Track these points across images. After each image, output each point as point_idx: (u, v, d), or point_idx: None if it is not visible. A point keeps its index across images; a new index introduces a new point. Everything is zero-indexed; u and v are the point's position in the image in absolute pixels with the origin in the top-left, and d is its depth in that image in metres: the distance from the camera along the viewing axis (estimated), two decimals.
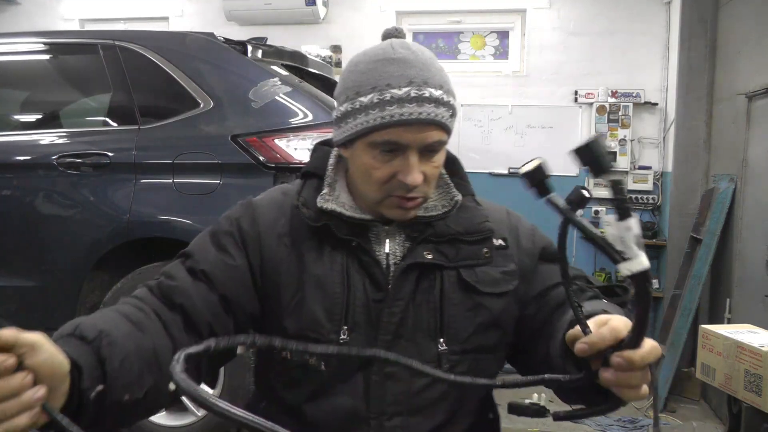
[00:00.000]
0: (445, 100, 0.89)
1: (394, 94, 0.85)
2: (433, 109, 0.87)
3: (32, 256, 2.52)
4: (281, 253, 0.95)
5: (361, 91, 0.88)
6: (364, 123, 0.87)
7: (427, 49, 0.93)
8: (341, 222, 0.95)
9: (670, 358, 3.32)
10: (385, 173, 0.89)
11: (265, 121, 2.29)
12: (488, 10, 4.49)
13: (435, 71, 0.89)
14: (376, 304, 0.93)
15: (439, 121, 0.88)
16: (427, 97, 0.86)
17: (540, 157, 0.81)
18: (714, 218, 3.27)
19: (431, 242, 0.96)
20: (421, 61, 0.89)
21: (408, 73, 0.87)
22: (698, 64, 3.62)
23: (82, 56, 2.68)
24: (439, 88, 0.88)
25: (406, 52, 0.89)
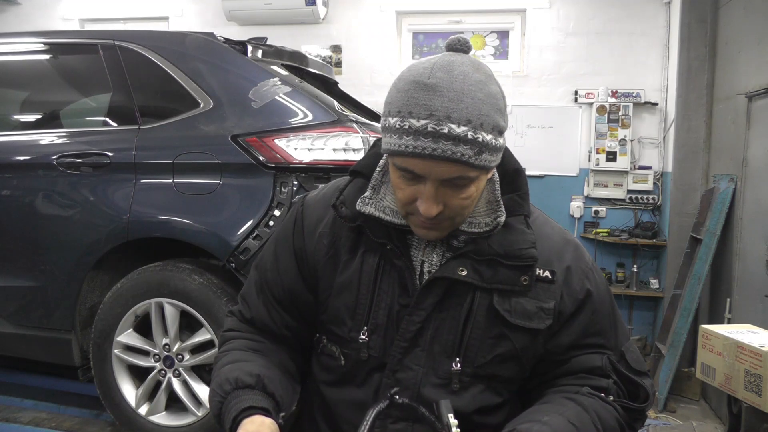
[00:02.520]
0: (469, 137, 0.82)
1: (412, 125, 0.82)
2: (450, 146, 0.81)
3: (32, 256, 2.52)
4: (320, 252, 1.01)
5: (391, 111, 0.86)
6: (387, 144, 0.87)
7: (476, 73, 0.85)
8: (379, 225, 0.95)
9: (670, 358, 3.32)
10: (407, 195, 0.89)
11: (265, 121, 2.29)
12: (488, 10, 4.48)
13: (468, 103, 0.82)
14: (401, 309, 0.95)
15: (457, 158, 0.82)
16: (444, 134, 0.81)
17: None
18: (714, 218, 3.27)
19: (470, 258, 0.93)
20: (454, 90, 0.82)
21: (432, 104, 0.82)
22: (698, 64, 3.62)
23: (82, 56, 2.68)
24: (466, 123, 0.82)
25: (443, 77, 0.83)
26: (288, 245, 1.05)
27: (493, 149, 0.85)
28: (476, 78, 0.84)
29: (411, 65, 0.89)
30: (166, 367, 2.37)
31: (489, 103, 0.84)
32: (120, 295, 2.38)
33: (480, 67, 0.87)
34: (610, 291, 1.03)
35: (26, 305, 2.56)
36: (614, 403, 0.94)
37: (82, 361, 2.57)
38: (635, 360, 1.00)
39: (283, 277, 1.05)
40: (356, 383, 0.99)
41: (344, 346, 0.99)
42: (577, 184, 4.33)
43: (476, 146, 0.82)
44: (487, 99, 0.84)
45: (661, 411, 3.26)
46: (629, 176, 4.23)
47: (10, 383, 3.09)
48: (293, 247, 1.04)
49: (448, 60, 0.85)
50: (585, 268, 0.99)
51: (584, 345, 0.97)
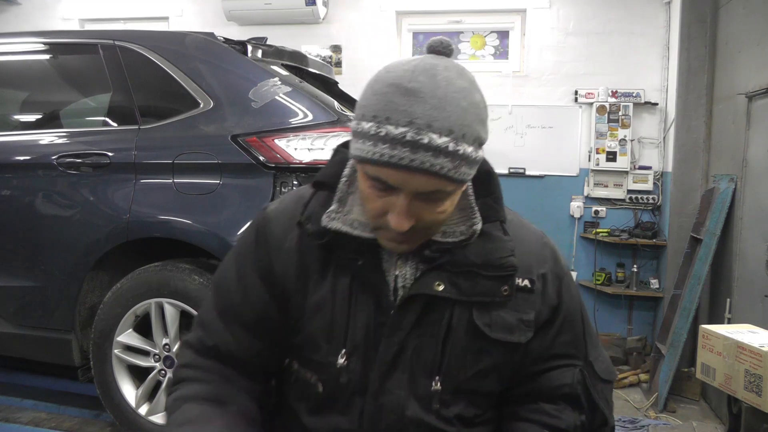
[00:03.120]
0: (450, 149, 0.75)
1: (389, 132, 0.75)
2: (429, 158, 0.74)
3: (32, 256, 2.52)
4: (289, 270, 0.92)
5: (365, 114, 0.78)
6: (359, 150, 0.79)
7: (460, 79, 0.79)
8: (348, 240, 0.88)
9: (670, 358, 3.32)
10: (378, 207, 0.81)
11: (265, 121, 2.29)
12: (488, 10, 4.48)
13: (451, 112, 0.75)
14: (379, 328, 0.89)
15: (435, 171, 0.75)
16: (424, 144, 0.74)
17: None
18: (714, 218, 3.27)
19: (446, 271, 0.87)
20: (437, 97, 0.75)
21: (413, 110, 0.75)
22: (698, 64, 3.62)
23: (82, 56, 2.68)
24: (448, 133, 0.75)
25: (426, 82, 0.76)
26: (253, 264, 0.95)
27: (473, 162, 0.80)
28: (460, 85, 0.78)
29: (389, 65, 0.81)
30: (166, 367, 2.37)
31: (472, 113, 0.77)
32: (120, 295, 2.38)
33: (463, 72, 0.80)
34: (581, 297, 1.01)
35: (26, 305, 2.56)
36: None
37: (82, 361, 2.57)
38: (604, 370, 0.98)
39: (251, 299, 0.94)
40: (338, 409, 0.91)
41: (321, 371, 0.91)
42: (577, 184, 4.33)
43: (456, 159, 0.76)
44: (471, 108, 0.77)
45: (661, 411, 3.26)
46: (629, 176, 4.23)
47: (10, 383, 3.09)
48: (259, 265, 0.94)
49: (430, 63, 0.79)
50: (560, 274, 0.96)
51: (554, 355, 0.95)
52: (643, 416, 3.24)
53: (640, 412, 3.29)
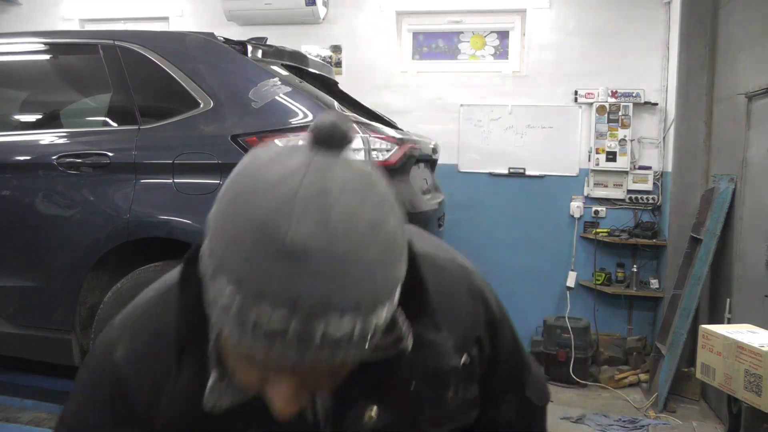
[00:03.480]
0: (356, 334, 0.51)
1: (261, 323, 0.49)
2: (325, 354, 0.51)
3: (32, 256, 2.52)
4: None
5: (223, 267, 0.51)
6: (219, 321, 0.53)
7: (365, 204, 0.53)
8: (251, 407, 0.63)
9: (670, 358, 3.32)
10: (253, 382, 0.57)
11: (265, 121, 2.29)
12: (488, 10, 4.48)
13: (356, 276, 0.50)
14: None
15: (333, 363, 0.52)
16: (317, 339, 0.49)
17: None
18: (714, 218, 3.27)
19: (374, 396, 0.67)
20: (333, 257, 0.49)
21: (299, 285, 0.49)
22: (698, 64, 3.62)
23: (82, 56, 2.68)
24: (353, 310, 0.50)
25: (315, 234, 0.49)
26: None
27: (389, 322, 0.57)
28: (367, 218, 0.52)
29: (255, 172, 0.56)
30: None
31: (386, 262, 0.53)
32: (120, 295, 2.37)
33: (367, 183, 0.54)
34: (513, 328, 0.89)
35: (26, 305, 2.56)
36: None
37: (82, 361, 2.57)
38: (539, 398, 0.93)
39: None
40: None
41: None
42: (577, 184, 4.33)
43: (365, 341, 0.52)
44: (384, 254, 0.53)
45: (661, 411, 3.26)
46: (629, 176, 4.23)
47: (10, 383, 3.09)
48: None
49: (319, 186, 0.51)
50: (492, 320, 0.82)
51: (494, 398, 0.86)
52: (643, 416, 3.24)
53: (640, 412, 3.30)
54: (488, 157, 4.38)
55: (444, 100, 4.43)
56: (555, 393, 3.57)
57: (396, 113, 3.80)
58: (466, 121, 4.43)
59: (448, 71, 4.53)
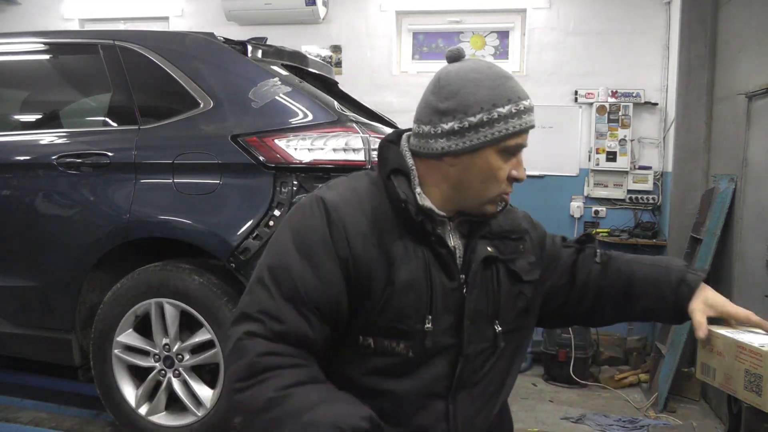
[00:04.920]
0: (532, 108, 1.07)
1: (524, 105, 1.02)
2: (534, 117, 1.05)
3: (32, 256, 2.52)
4: (370, 253, 1.00)
5: (498, 102, 1.00)
6: (504, 130, 1.00)
7: None
8: (430, 218, 1.04)
9: (670, 358, 3.32)
10: (506, 171, 1.04)
11: (265, 121, 2.29)
12: (488, 10, 4.48)
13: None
14: (451, 293, 1.04)
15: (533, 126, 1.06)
16: (531, 108, 1.05)
17: None
18: (714, 218, 3.27)
19: (488, 238, 1.10)
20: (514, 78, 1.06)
21: (520, 88, 1.04)
22: (698, 64, 3.62)
23: (82, 56, 2.68)
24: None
25: (505, 71, 1.06)
26: (328, 253, 0.98)
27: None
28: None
29: (471, 71, 1.03)
30: (166, 367, 2.37)
31: None
32: (120, 295, 2.38)
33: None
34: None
35: (26, 305, 2.56)
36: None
37: (82, 361, 2.57)
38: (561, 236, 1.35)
39: (329, 286, 0.98)
40: (423, 370, 1.04)
41: (410, 338, 1.02)
42: (577, 184, 4.33)
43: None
44: None
45: (661, 411, 3.26)
46: (629, 176, 4.23)
47: (10, 383, 3.09)
48: (339, 254, 0.98)
49: (483, 61, 1.08)
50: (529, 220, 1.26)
51: (566, 258, 1.27)
52: (643, 416, 3.24)
53: (640, 412, 3.30)
54: None
55: None
56: (555, 393, 3.57)
57: (396, 113, 3.79)
58: None
59: None
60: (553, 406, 3.36)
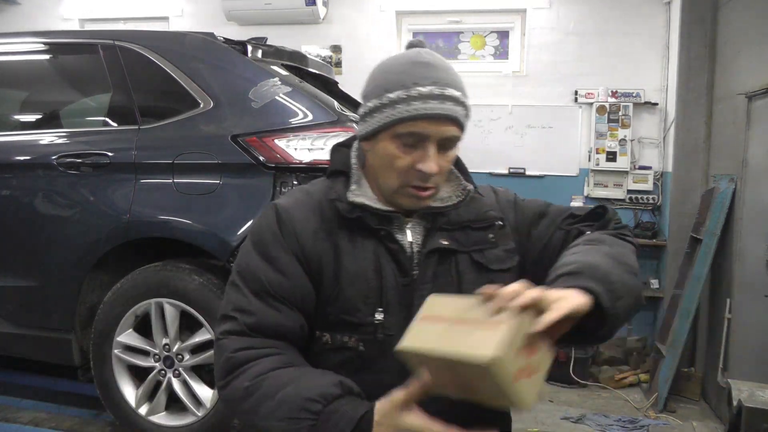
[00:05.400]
0: (462, 100, 1.00)
1: (420, 91, 0.96)
2: (452, 106, 0.97)
3: (32, 256, 2.52)
4: (319, 247, 1.04)
5: (390, 88, 0.98)
6: (390, 116, 0.98)
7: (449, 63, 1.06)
8: (370, 214, 1.04)
9: (670, 358, 3.32)
10: (406, 163, 0.99)
11: (265, 121, 2.29)
12: (488, 10, 4.48)
13: (455, 76, 1.01)
14: (404, 288, 1.03)
15: (457, 117, 0.99)
16: (448, 96, 0.97)
17: None
18: (714, 218, 3.27)
19: (446, 230, 1.07)
20: (443, 67, 1.01)
21: (433, 75, 0.98)
22: (698, 64, 3.62)
23: (82, 56, 2.68)
24: (459, 90, 0.99)
25: (432, 59, 1.01)
26: (282, 247, 1.04)
27: (469, 118, 1.04)
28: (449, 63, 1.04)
29: (389, 58, 1.04)
30: (166, 367, 2.37)
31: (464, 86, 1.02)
32: (120, 295, 2.38)
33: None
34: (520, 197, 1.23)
35: (26, 305, 2.56)
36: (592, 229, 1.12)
37: (82, 361, 2.57)
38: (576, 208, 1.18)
39: (288, 275, 1.03)
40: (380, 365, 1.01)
41: (361, 331, 1.02)
42: (577, 184, 4.33)
43: (465, 109, 1.01)
44: (461, 78, 1.02)
45: (661, 411, 3.26)
46: (629, 176, 4.23)
47: (10, 383, 3.09)
48: (290, 248, 1.04)
49: (425, 50, 1.03)
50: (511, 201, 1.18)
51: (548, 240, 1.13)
52: (643, 416, 3.24)
53: (640, 412, 3.30)
54: (488, 157, 4.38)
55: None
56: (555, 393, 3.57)
57: None
58: None
59: None
60: (553, 406, 3.36)
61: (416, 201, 1.04)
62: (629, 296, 0.95)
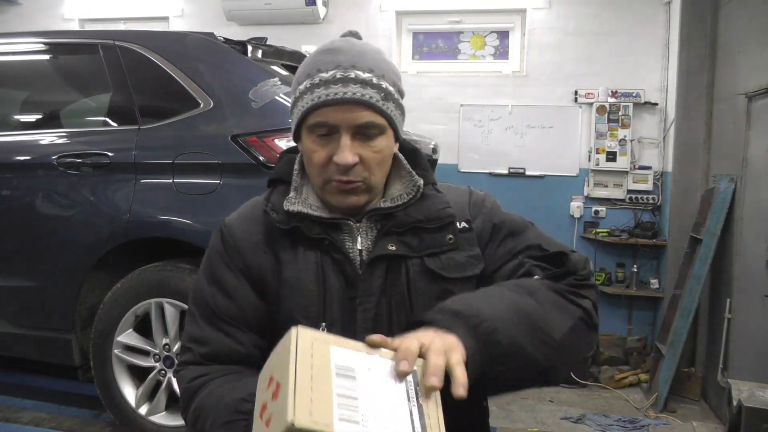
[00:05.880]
0: (374, 82, 0.91)
1: (322, 77, 0.90)
2: (358, 89, 0.89)
3: (32, 256, 2.52)
4: (261, 259, 0.98)
5: (300, 80, 0.94)
6: (301, 108, 0.93)
7: (375, 46, 0.97)
8: (312, 223, 0.96)
9: (670, 358, 3.32)
10: (323, 156, 0.92)
11: (265, 121, 2.29)
12: (488, 10, 4.48)
13: (369, 58, 0.92)
14: (351, 301, 0.95)
15: (366, 101, 0.90)
16: (352, 78, 0.89)
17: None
18: (714, 218, 3.27)
19: (394, 233, 0.97)
20: (356, 50, 0.93)
21: (337, 59, 0.91)
22: (698, 64, 3.62)
23: (82, 56, 2.68)
24: (369, 71, 0.91)
25: (343, 44, 0.94)
26: (226, 267, 1.00)
27: (397, 103, 0.95)
28: (374, 47, 0.97)
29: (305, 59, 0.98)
30: (166, 367, 2.37)
31: (387, 63, 0.95)
32: (120, 295, 2.38)
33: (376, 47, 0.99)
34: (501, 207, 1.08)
35: (26, 305, 2.56)
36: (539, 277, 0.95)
37: (82, 361, 2.57)
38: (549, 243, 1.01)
39: (234, 295, 0.98)
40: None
41: None
42: (577, 184, 4.33)
43: (381, 91, 0.91)
44: (386, 61, 0.95)
45: (661, 411, 3.26)
46: (629, 176, 4.23)
47: (10, 383, 3.09)
48: (233, 266, 0.99)
49: (347, 38, 0.97)
50: (488, 208, 1.05)
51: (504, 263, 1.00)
52: (643, 416, 3.24)
53: (640, 412, 3.30)
54: (488, 157, 4.38)
55: (444, 100, 4.43)
56: (555, 393, 3.57)
57: None
58: (466, 121, 4.43)
59: (448, 71, 4.53)
60: (553, 406, 3.36)
61: (344, 197, 0.95)
62: (520, 367, 0.81)
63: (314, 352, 0.64)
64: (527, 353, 0.81)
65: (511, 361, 0.79)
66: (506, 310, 0.82)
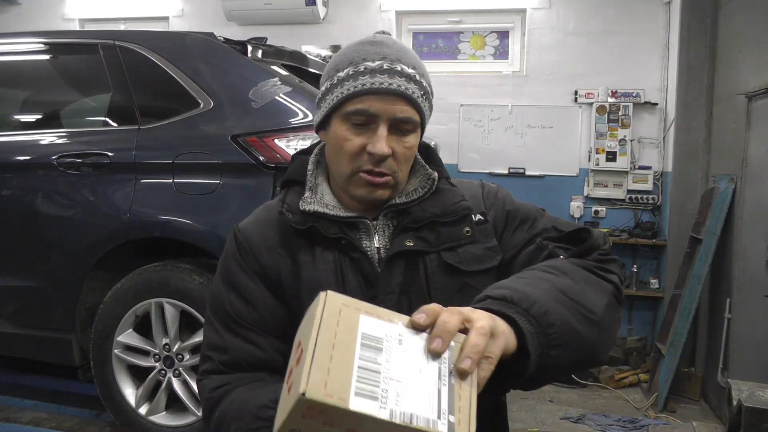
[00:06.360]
0: (417, 78, 0.92)
1: (368, 66, 0.90)
2: (403, 82, 0.90)
3: (32, 256, 2.52)
4: (278, 263, 0.97)
5: (340, 67, 0.93)
6: (339, 95, 0.92)
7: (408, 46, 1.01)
8: (328, 222, 0.96)
9: (670, 358, 3.32)
10: (356, 145, 0.92)
11: (265, 121, 2.29)
12: (488, 10, 4.48)
13: (411, 55, 0.94)
14: (371, 300, 0.90)
15: (409, 95, 0.91)
16: (398, 71, 0.91)
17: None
18: (714, 218, 3.27)
19: (411, 229, 0.97)
20: (398, 46, 0.95)
21: (383, 51, 0.92)
22: (698, 64, 3.62)
23: (82, 56, 2.68)
24: (413, 67, 0.92)
25: (386, 39, 0.95)
26: (243, 271, 0.99)
27: (431, 103, 0.97)
28: (409, 47, 0.99)
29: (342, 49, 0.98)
30: (166, 367, 2.37)
31: (424, 65, 0.96)
32: (120, 295, 2.38)
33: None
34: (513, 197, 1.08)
35: (26, 305, 2.56)
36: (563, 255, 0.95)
37: (82, 361, 2.57)
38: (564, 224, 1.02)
39: (253, 300, 0.97)
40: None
41: None
42: (577, 184, 4.33)
43: (422, 89, 0.93)
44: (421, 61, 0.96)
45: (661, 411, 3.26)
46: (629, 176, 4.23)
47: (10, 383, 3.09)
48: (250, 269, 0.98)
49: (382, 35, 0.98)
50: (501, 198, 1.05)
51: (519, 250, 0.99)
52: (643, 416, 3.24)
53: (640, 412, 3.30)
54: (488, 157, 4.38)
55: (444, 100, 4.43)
56: (555, 393, 3.57)
57: None
58: (466, 121, 4.43)
59: (448, 71, 4.54)
60: (553, 406, 3.36)
61: (371, 190, 0.94)
62: (574, 347, 0.79)
63: (341, 320, 0.60)
64: (578, 332, 0.79)
65: (566, 342, 0.77)
66: (549, 291, 0.80)
